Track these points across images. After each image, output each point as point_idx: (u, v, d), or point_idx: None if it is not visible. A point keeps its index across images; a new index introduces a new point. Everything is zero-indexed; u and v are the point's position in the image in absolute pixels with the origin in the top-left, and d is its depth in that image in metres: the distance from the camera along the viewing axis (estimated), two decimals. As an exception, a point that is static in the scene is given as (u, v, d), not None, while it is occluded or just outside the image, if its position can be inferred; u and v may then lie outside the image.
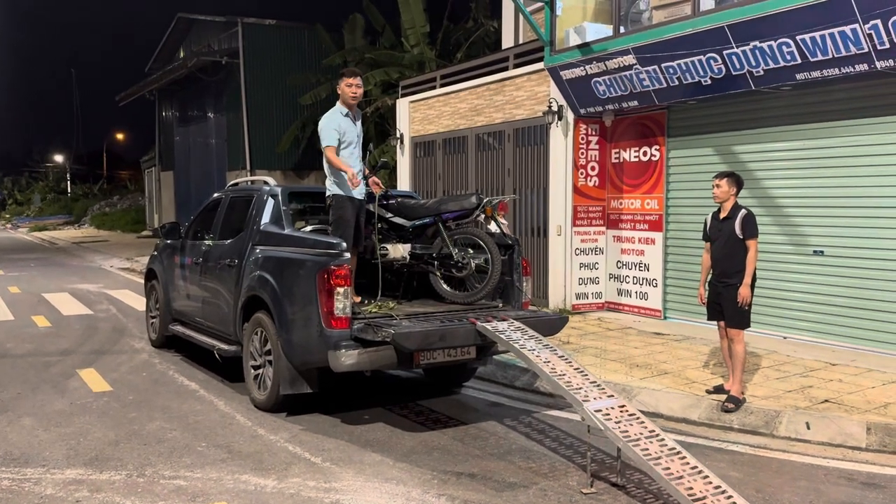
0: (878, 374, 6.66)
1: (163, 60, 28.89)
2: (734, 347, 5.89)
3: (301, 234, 6.28)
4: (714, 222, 6.05)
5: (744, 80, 7.70)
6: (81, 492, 4.38)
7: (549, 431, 5.62)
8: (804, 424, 5.44)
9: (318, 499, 4.28)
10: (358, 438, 5.40)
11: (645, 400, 6.11)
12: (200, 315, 7.47)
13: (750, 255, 5.78)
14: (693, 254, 9.04)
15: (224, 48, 23.22)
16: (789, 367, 6.99)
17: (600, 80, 9.22)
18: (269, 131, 22.44)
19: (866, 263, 7.52)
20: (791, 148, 8.13)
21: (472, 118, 11.92)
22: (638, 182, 9.85)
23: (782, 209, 8.23)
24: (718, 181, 5.96)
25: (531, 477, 4.66)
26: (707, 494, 3.89)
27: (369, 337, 5.31)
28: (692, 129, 9.18)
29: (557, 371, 4.88)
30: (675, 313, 9.50)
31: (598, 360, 7.32)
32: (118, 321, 10.53)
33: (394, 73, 18.17)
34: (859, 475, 4.73)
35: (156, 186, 31.41)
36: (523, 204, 10.92)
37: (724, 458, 5.03)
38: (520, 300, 6.31)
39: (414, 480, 4.58)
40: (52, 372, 7.45)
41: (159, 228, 8.98)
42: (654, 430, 4.39)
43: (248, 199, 6.99)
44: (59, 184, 57.11)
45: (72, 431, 5.53)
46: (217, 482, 4.53)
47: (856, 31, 6.56)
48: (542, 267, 10.45)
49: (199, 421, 5.81)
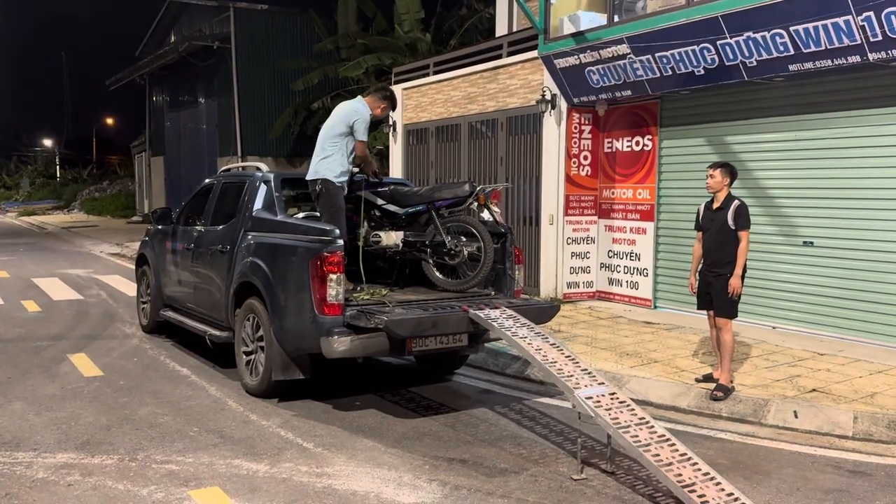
0: (865, 363, 6.73)
1: (153, 45, 28.62)
2: (722, 337, 5.94)
3: (294, 221, 6.28)
4: (707, 212, 6.07)
5: (737, 71, 7.72)
6: (73, 475, 4.39)
7: (539, 418, 5.66)
8: (792, 413, 5.50)
9: (311, 483, 4.31)
10: (350, 424, 5.42)
11: (635, 388, 6.16)
12: (192, 301, 7.45)
13: (741, 247, 5.81)
14: (684, 244, 9.08)
15: (215, 33, 23.03)
16: (778, 356, 7.05)
17: (594, 69, 9.22)
18: (260, 117, 22.32)
19: (856, 255, 7.58)
20: (783, 139, 8.17)
21: (465, 106, 11.89)
22: (630, 172, 9.87)
23: (773, 200, 8.27)
24: (712, 171, 5.98)
25: (522, 463, 4.69)
26: (696, 481, 3.93)
27: (362, 324, 5.32)
28: (685, 119, 9.20)
29: (549, 359, 4.91)
30: (665, 303, 9.56)
31: (588, 349, 7.37)
32: (109, 306, 10.50)
33: (387, 59, 18.10)
34: (846, 463, 4.79)
35: (146, 172, 31.21)
36: (515, 193, 10.93)
37: (713, 445, 5.09)
38: (512, 288, 6.33)
39: (405, 466, 4.61)
40: (42, 356, 7.43)
41: (151, 214, 8.94)
42: (643, 417, 4.43)
43: (240, 185, 6.97)
44: (49, 168, 56.63)
45: (63, 416, 5.53)
46: (209, 466, 4.55)
47: (849, 22, 6.58)
48: (534, 256, 10.48)
49: (190, 406, 5.82)
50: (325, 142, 6.14)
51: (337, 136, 6.10)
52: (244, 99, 22.34)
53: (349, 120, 6.09)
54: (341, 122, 6.12)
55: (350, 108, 6.19)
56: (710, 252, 5.97)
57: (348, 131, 6.10)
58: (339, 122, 6.12)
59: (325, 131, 6.20)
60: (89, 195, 43.25)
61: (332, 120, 6.21)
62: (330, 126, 6.17)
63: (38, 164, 58.36)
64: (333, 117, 6.21)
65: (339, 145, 6.10)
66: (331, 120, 6.22)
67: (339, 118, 6.15)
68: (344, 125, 6.10)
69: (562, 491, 4.25)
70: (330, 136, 6.12)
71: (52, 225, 29.99)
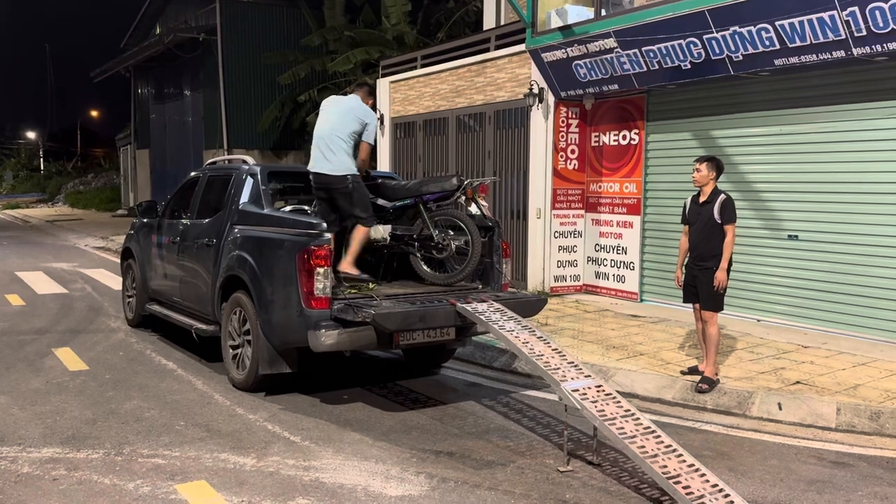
0: (848, 356, 6.80)
1: (139, 37, 28.35)
2: (708, 330, 5.97)
3: (281, 214, 6.26)
4: (693, 206, 6.10)
5: (723, 65, 7.75)
6: (58, 470, 4.36)
7: (526, 411, 5.68)
8: (776, 405, 5.56)
9: (298, 477, 4.31)
10: (337, 418, 5.42)
11: (621, 380, 6.20)
12: (178, 294, 7.42)
13: (727, 240, 5.84)
14: (670, 238, 9.14)
15: (201, 24, 22.84)
16: (762, 349, 7.11)
17: (581, 62, 9.23)
18: (246, 110, 22.18)
19: (840, 248, 7.65)
20: (768, 133, 8.22)
21: (452, 99, 11.88)
22: (617, 166, 9.90)
23: (758, 194, 8.33)
24: (698, 165, 6.00)
25: (509, 455, 4.71)
26: (681, 472, 3.96)
27: (349, 317, 5.31)
28: (671, 113, 9.23)
29: (536, 352, 4.93)
30: (651, 296, 9.61)
31: (575, 342, 7.40)
32: (94, 300, 10.43)
33: (374, 52, 18.04)
34: (829, 454, 4.85)
35: (131, 165, 30.95)
36: (503, 186, 10.94)
37: (698, 437, 5.13)
38: (499, 282, 6.34)
39: (393, 459, 4.62)
40: (27, 350, 7.37)
41: (136, 207, 8.88)
42: (629, 409, 4.46)
43: (226, 178, 6.93)
44: (32, 161, 56.03)
45: (48, 410, 5.49)
46: (196, 460, 4.54)
47: (834, 17, 6.63)
48: (521, 249, 10.50)
49: (176, 400, 5.80)
50: (342, 135, 5.98)
51: (353, 132, 6.01)
52: (230, 91, 22.20)
53: (364, 120, 6.03)
54: (356, 121, 6.01)
55: (361, 107, 6.11)
56: (696, 245, 6.01)
57: (361, 129, 6.03)
58: (354, 120, 6.01)
59: (337, 126, 6.00)
60: (74, 188, 42.86)
61: (343, 115, 6.04)
62: (343, 122, 6.01)
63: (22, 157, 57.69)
64: (345, 113, 6.05)
65: (353, 141, 6.03)
66: (342, 115, 6.05)
67: (354, 116, 6.02)
68: (358, 123, 6.02)
69: (548, 483, 4.28)
70: (346, 131, 5.99)
71: (35, 218, 29.71)
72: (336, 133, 5.99)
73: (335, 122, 6.05)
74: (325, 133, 6.03)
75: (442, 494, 4.10)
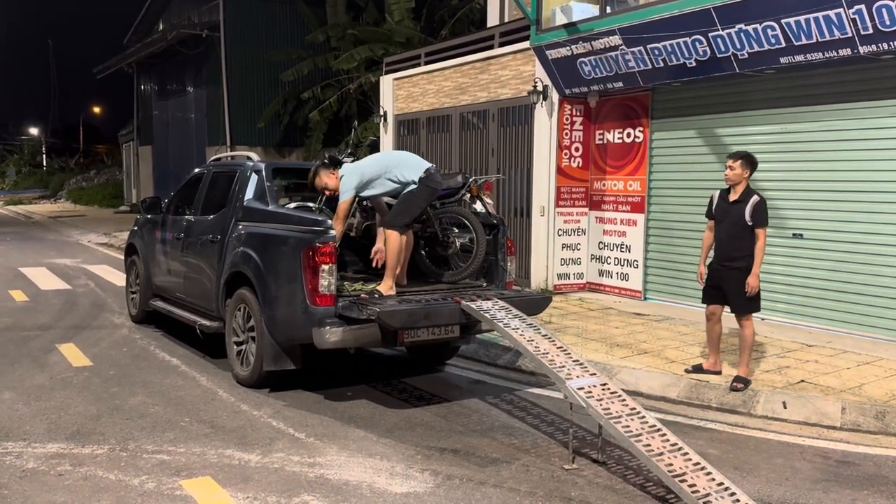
0: (853, 355, 6.79)
1: (142, 33, 28.33)
2: (742, 332, 5.83)
3: (286, 211, 6.26)
4: (722, 202, 5.90)
5: (728, 63, 7.73)
6: (64, 465, 4.37)
7: (531, 409, 5.68)
8: (781, 404, 5.55)
9: (303, 473, 4.31)
10: (341, 414, 5.42)
11: (625, 379, 6.19)
12: (182, 291, 7.42)
13: (759, 244, 5.65)
14: (675, 236, 9.13)
15: (204, 21, 22.80)
16: (767, 347, 7.10)
17: (586, 60, 9.21)
18: (249, 107, 22.14)
19: (844, 247, 7.63)
20: (773, 132, 8.19)
21: (456, 97, 11.86)
22: (621, 164, 9.88)
23: (763, 192, 8.17)
24: (732, 162, 5.78)
25: (514, 453, 4.71)
26: (686, 470, 3.96)
27: (354, 314, 5.31)
28: (676, 111, 9.21)
29: (541, 349, 4.92)
30: (655, 294, 9.59)
31: (579, 340, 7.39)
32: (97, 296, 10.43)
33: (378, 49, 18.02)
34: (834, 453, 4.84)
35: (134, 161, 30.94)
36: (507, 184, 10.93)
37: (703, 435, 5.12)
38: (504, 280, 6.33)
39: (397, 456, 4.61)
40: (31, 346, 7.38)
41: (140, 203, 8.88)
42: (635, 407, 4.46)
43: (231, 174, 6.93)
44: (35, 157, 56.04)
45: (52, 406, 5.50)
46: (200, 456, 4.54)
47: (840, 15, 6.61)
48: (525, 247, 10.48)
49: (181, 396, 5.80)
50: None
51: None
52: (233, 88, 22.15)
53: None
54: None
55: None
56: (723, 244, 5.82)
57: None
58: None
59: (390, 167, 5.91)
60: (76, 184, 42.85)
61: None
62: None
63: (25, 153, 57.71)
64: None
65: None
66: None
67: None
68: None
69: (553, 480, 4.27)
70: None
71: (38, 214, 29.73)
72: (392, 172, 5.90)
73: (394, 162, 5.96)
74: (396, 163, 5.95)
75: (447, 492, 4.09)
